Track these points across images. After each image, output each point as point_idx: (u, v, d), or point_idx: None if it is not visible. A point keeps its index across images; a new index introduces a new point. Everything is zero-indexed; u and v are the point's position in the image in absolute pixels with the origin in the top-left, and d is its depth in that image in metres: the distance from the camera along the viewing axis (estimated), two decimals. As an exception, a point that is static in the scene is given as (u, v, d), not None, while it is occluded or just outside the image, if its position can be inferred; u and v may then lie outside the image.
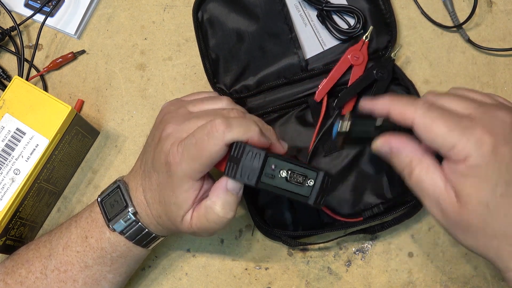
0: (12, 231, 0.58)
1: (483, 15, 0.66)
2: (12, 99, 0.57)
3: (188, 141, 0.46)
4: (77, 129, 0.59)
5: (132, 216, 0.51)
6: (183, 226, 0.49)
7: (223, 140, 0.45)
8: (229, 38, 0.64)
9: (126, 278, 0.56)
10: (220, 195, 0.47)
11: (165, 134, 0.49)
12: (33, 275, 0.52)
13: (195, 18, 0.64)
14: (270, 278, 0.61)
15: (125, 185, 0.52)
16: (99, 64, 0.66)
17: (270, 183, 0.46)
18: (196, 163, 0.46)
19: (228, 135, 0.45)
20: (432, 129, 0.41)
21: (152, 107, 0.65)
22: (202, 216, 0.48)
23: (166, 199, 0.49)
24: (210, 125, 0.46)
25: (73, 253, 0.52)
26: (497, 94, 0.64)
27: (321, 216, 0.60)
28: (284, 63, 0.63)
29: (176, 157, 0.47)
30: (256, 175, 0.45)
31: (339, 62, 0.61)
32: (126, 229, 0.51)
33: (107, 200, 0.53)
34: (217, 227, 0.48)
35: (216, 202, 0.47)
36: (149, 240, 0.53)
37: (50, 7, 0.66)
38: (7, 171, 0.56)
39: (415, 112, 0.42)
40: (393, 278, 0.61)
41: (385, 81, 0.61)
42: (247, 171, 0.45)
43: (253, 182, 0.45)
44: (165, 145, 0.48)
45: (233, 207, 0.48)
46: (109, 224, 0.52)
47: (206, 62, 0.63)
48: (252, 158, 0.45)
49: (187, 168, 0.46)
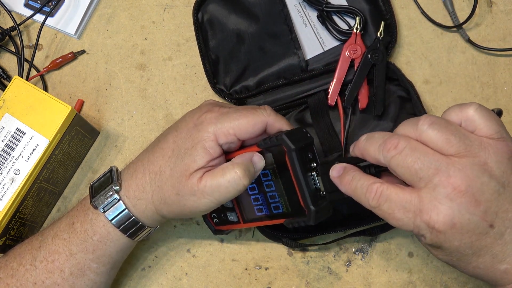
0: (12, 231, 0.58)
1: (483, 15, 0.66)
2: (12, 99, 0.57)
3: (231, 110, 0.50)
4: (77, 129, 0.59)
5: (114, 193, 0.51)
6: (187, 183, 0.49)
7: (268, 117, 0.50)
8: (229, 39, 0.64)
9: (111, 270, 0.55)
10: (245, 161, 0.49)
11: (205, 109, 0.51)
12: (23, 267, 0.53)
13: (195, 19, 0.64)
14: (270, 278, 0.61)
15: (116, 169, 0.54)
16: (99, 64, 0.66)
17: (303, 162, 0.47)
18: (231, 124, 0.49)
19: (273, 116, 0.50)
20: (388, 221, 0.44)
21: (152, 107, 0.65)
22: (218, 174, 0.48)
23: (181, 151, 0.49)
24: (256, 108, 0.50)
25: (61, 241, 0.53)
26: (497, 94, 0.64)
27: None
28: (284, 64, 0.63)
29: (212, 117, 0.50)
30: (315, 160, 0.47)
31: (339, 61, 0.61)
32: (107, 206, 0.51)
33: (97, 183, 0.54)
34: (229, 186, 0.48)
35: (240, 164, 0.48)
36: (130, 225, 0.52)
37: (50, 7, 0.66)
38: (7, 171, 0.56)
39: (380, 156, 0.44)
40: (393, 278, 0.61)
41: (382, 62, 0.61)
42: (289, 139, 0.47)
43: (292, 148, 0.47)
44: (202, 110, 0.51)
45: (251, 177, 0.49)
46: (92, 201, 0.52)
47: (206, 63, 0.63)
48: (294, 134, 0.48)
49: (220, 126, 0.49)
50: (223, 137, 0.49)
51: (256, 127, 0.49)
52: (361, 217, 0.59)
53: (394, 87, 0.62)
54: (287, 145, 0.46)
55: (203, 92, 0.65)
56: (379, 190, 0.43)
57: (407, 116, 0.61)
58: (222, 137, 0.49)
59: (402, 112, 0.61)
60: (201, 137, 0.49)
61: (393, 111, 0.61)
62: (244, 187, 0.48)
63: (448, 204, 0.40)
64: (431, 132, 0.42)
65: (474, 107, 0.43)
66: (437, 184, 0.41)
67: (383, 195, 0.43)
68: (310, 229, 0.59)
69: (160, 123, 0.65)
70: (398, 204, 0.42)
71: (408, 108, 0.61)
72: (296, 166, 0.46)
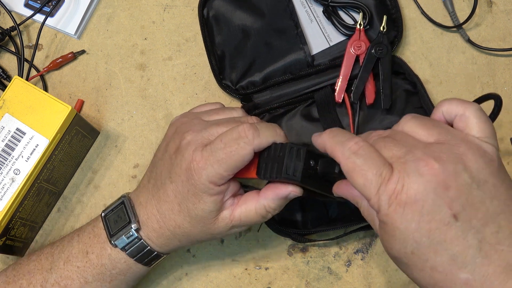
0: (12, 231, 0.58)
1: (483, 15, 0.66)
2: (12, 99, 0.57)
3: (215, 146, 0.47)
4: (77, 129, 0.59)
5: (134, 232, 0.51)
6: (220, 225, 0.50)
7: (253, 144, 0.46)
8: (235, 34, 0.64)
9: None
10: (276, 199, 0.49)
11: (185, 142, 0.49)
12: (34, 287, 0.52)
13: (201, 14, 0.64)
14: (270, 278, 0.61)
15: (129, 201, 0.53)
16: (99, 64, 0.66)
17: (311, 180, 0.46)
18: (222, 167, 0.46)
19: (257, 140, 0.47)
20: (352, 178, 0.41)
21: (152, 107, 0.65)
22: (251, 210, 0.49)
23: (189, 206, 0.49)
24: (237, 129, 0.47)
25: (74, 268, 0.52)
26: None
27: (329, 212, 0.60)
28: (290, 59, 0.63)
29: (200, 162, 0.47)
30: (300, 171, 0.45)
31: (344, 59, 0.61)
32: (128, 245, 0.51)
33: (111, 216, 0.53)
34: (261, 220, 0.50)
35: (271, 203, 0.49)
36: (151, 258, 0.53)
37: (50, 7, 0.66)
38: (7, 171, 0.56)
39: (342, 155, 0.42)
40: (393, 278, 0.61)
41: (386, 56, 0.61)
42: (290, 168, 0.46)
43: (298, 178, 0.45)
44: (186, 152, 0.48)
45: (282, 207, 0.50)
46: (111, 240, 0.51)
47: (212, 58, 0.63)
48: (293, 154, 0.46)
49: (213, 173, 0.47)
50: (219, 180, 0.47)
51: (246, 159, 0.47)
52: None
53: (400, 81, 0.62)
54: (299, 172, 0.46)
55: (203, 92, 0.65)
56: (361, 142, 0.42)
57: (414, 110, 0.61)
58: (218, 180, 0.47)
59: (408, 105, 0.61)
60: (200, 189, 0.48)
61: (399, 105, 0.61)
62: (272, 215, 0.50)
63: (416, 178, 0.39)
64: (414, 122, 0.42)
65: (476, 107, 0.42)
66: (409, 159, 0.39)
67: (364, 148, 0.41)
68: (318, 223, 0.59)
69: (160, 123, 0.65)
70: (375, 164, 0.40)
71: (414, 101, 0.62)
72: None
